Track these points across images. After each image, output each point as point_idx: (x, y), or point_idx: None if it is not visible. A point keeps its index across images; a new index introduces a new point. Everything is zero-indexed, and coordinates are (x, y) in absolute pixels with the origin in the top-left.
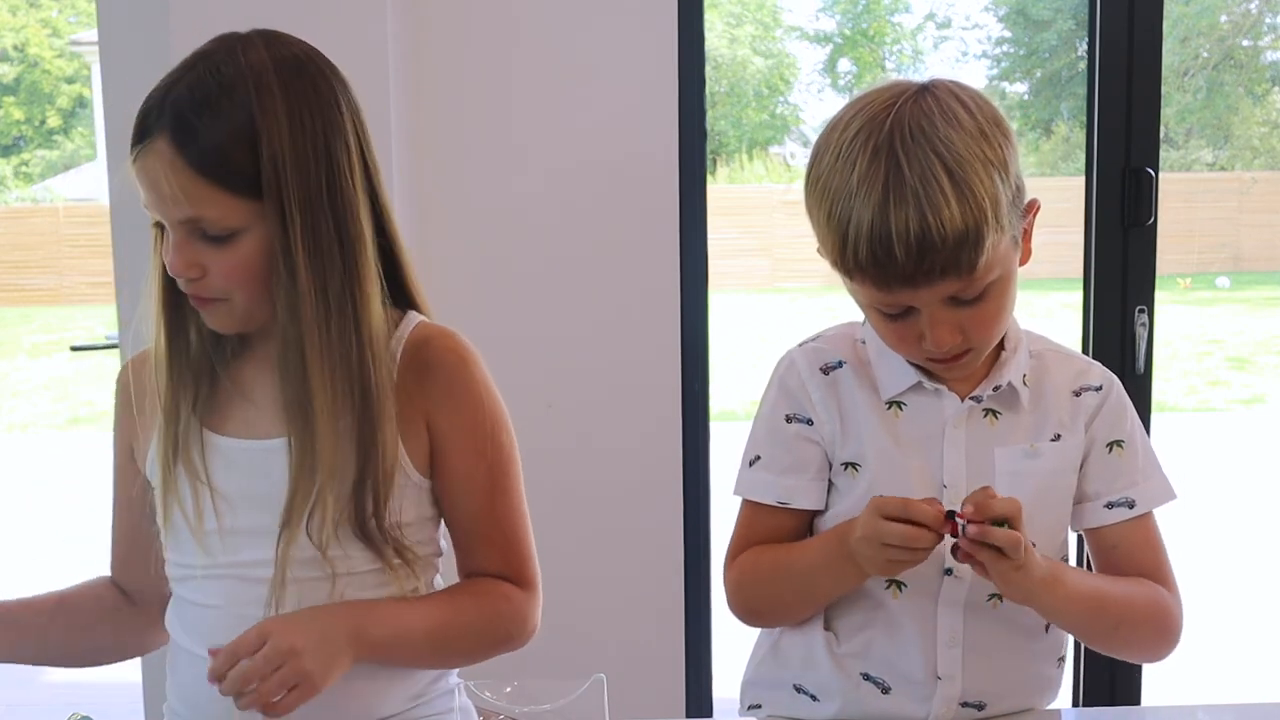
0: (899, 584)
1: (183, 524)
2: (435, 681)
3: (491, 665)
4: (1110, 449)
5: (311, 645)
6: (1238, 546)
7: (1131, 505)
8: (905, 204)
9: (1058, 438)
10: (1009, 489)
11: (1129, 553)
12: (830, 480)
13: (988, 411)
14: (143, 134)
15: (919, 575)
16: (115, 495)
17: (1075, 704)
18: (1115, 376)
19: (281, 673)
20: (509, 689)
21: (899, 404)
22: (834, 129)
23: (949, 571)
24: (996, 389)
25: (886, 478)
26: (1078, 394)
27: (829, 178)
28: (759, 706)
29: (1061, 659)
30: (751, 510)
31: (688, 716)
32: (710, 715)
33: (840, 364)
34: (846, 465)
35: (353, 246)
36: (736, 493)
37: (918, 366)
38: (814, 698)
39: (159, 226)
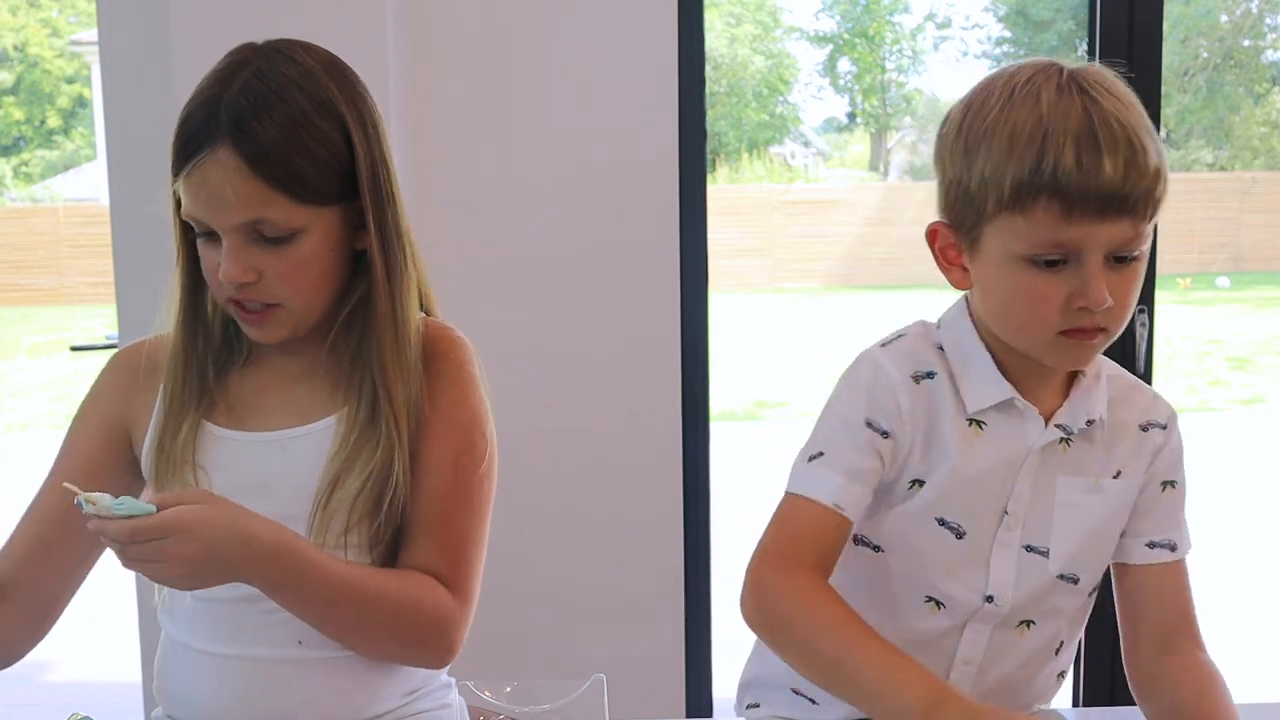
0: (938, 602)
1: None
2: (431, 677)
3: (491, 665)
4: (1164, 488)
5: (207, 553)
6: (1238, 546)
7: (1173, 549)
8: (1109, 126)
9: (1119, 474)
10: (1068, 521)
11: (1166, 597)
12: (885, 492)
13: (1063, 439)
14: (198, 145)
15: (959, 600)
16: (49, 479)
17: (1075, 704)
18: (1176, 413)
19: (160, 566)
20: (509, 689)
21: (979, 422)
22: (991, 82)
23: (990, 599)
24: (1090, 423)
25: (953, 496)
26: (1144, 429)
27: (1004, 111)
28: (757, 706)
29: (1063, 674)
30: (799, 505)
31: (688, 716)
32: (710, 715)
33: (932, 374)
34: (914, 482)
35: (404, 244)
36: (792, 489)
37: (1009, 382)
38: (812, 700)
39: (197, 236)
